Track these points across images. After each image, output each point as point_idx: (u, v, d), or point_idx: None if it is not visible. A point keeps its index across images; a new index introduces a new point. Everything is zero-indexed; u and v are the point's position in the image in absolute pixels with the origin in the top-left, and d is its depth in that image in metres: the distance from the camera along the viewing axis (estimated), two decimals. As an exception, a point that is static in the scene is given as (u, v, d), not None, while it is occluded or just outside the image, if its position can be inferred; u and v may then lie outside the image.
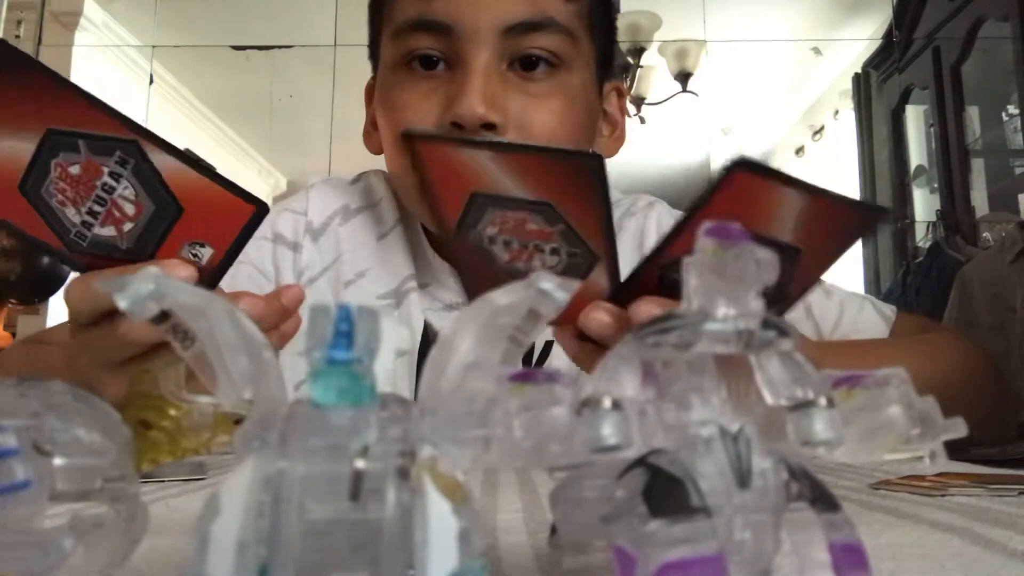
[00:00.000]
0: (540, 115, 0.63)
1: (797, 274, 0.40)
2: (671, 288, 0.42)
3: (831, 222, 0.40)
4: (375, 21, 0.72)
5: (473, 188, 0.40)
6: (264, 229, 0.72)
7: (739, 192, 0.39)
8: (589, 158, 0.40)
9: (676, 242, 0.41)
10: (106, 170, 0.38)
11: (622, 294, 0.40)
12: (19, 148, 0.37)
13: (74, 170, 0.37)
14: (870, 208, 0.40)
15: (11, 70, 0.36)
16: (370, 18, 0.73)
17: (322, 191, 0.77)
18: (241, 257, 0.77)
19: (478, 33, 0.62)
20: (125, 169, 0.38)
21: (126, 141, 0.37)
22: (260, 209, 0.39)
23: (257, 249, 0.73)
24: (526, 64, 0.63)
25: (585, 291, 0.40)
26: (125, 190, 0.38)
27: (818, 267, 0.41)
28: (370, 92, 0.77)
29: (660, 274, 0.43)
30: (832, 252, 0.41)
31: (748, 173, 0.39)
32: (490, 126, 0.61)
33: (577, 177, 0.40)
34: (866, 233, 0.40)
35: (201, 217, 0.39)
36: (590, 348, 0.37)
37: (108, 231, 0.38)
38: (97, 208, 0.38)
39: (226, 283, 0.75)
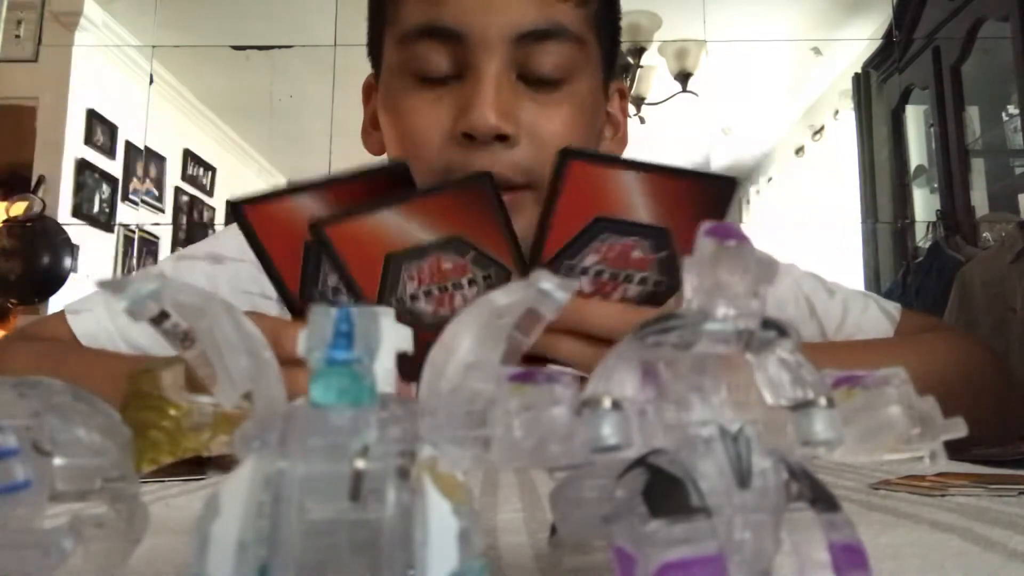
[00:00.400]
0: (552, 125, 0.63)
1: (679, 252, 0.43)
2: None
3: (686, 198, 0.42)
4: (376, 20, 0.71)
5: (386, 251, 0.42)
6: None
7: (581, 181, 0.42)
8: (478, 180, 0.43)
9: (550, 237, 0.44)
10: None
11: None
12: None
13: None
14: (718, 179, 0.43)
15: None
16: (370, 16, 0.72)
17: None
18: (242, 255, 0.79)
19: (489, 41, 0.61)
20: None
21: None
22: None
23: None
24: (535, 78, 0.63)
25: None
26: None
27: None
28: (367, 91, 0.76)
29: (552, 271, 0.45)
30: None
31: (579, 161, 0.42)
32: (503, 137, 0.60)
33: (473, 200, 0.43)
34: (727, 204, 0.42)
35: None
36: None
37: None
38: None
39: (229, 281, 0.75)
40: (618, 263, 0.44)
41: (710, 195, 0.42)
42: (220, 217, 3.93)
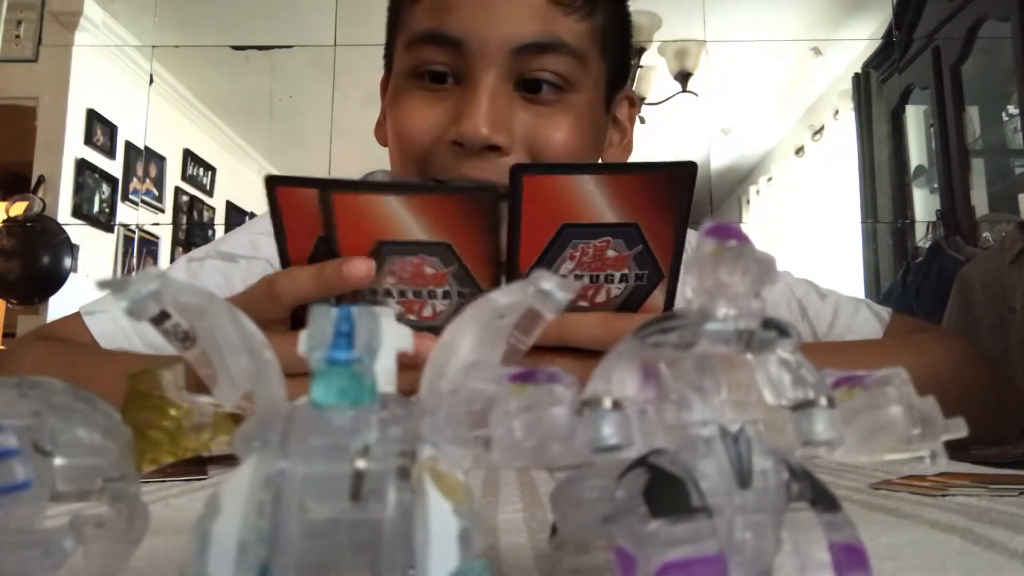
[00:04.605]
0: (549, 132, 0.63)
1: (652, 244, 0.43)
2: None
3: (647, 191, 0.43)
4: (392, 26, 0.73)
5: (379, 237, 0.42)
6: None
7: (537, 194, 0.43)
8: (484, 190, 0.43)
9: (522, 253, 0.44)
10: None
11: None
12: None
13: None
14: (676, 165, 0.43)
15: None
16: (388, 23, 0.74)
17: None
18: (254, 252, 0.78)
19: (488, 50, 0.62)
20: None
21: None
22: None
23: (269, 244, 0.75)
24: (533, 86, 0.63)
25: None
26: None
27: (668, 233, 0.44)
28: (384, 86, 0.77)
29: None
30: (671, 215, 0.43)
31: (532, 175, 0.43)
32: (494, 148, 0.60)
33: (473, 210, 0.43)
34: (687, 188, 0.43)
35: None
36: None
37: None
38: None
39: (242, 279, 0.76)
40: (595, 265, 0.44)
41: (671, 183, 0.42)
42: (220, 217, 3.93)
